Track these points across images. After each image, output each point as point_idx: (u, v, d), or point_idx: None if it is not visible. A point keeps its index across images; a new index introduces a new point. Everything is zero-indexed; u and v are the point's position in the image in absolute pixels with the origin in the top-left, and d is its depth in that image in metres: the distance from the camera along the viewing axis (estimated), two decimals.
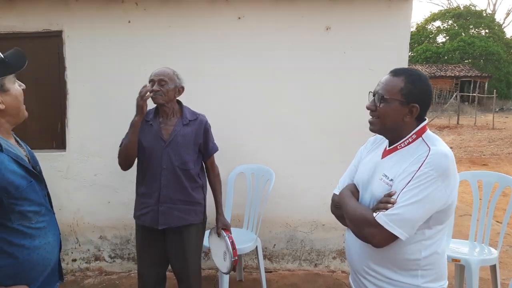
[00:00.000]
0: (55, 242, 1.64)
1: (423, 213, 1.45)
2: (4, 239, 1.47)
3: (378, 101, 1.60)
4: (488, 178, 3.22)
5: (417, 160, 1.48)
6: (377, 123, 1.62)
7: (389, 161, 1.61)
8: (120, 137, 2.74)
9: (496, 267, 3.05)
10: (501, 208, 4.16)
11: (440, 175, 1.44)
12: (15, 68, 1.52)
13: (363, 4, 3.50)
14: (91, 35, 3.57)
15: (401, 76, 1.58)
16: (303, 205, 3.74)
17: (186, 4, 3.52)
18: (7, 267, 1.48)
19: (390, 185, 1.53)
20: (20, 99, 1.54)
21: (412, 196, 1.43)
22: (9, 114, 1.51)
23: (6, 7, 3.53)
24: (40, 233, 1.55)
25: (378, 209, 1.49)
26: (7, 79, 1.48)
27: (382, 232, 1.45)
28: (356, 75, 3.54)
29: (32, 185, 1.53)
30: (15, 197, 1.45)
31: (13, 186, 1.44)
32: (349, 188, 1.75)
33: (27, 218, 1.50)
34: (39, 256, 1.55)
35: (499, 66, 31.54)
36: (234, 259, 2.63)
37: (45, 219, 1.59)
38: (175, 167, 2.55)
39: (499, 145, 13.20)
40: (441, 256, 1.58)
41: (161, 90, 2.51)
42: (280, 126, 3.66)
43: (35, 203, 1.53)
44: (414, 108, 1.56)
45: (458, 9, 35.39)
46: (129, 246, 3.81)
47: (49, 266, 1.61)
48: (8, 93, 1.49)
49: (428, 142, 1.54)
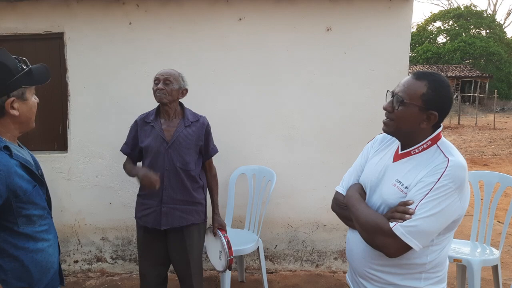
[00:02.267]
0: (55, 244, 1.68)
1: (439, 225, 1.44)
2: (10, 243, 1.51)
3: (396, 103, 1.54)
4: (490, 178, 3.21)
5: (435, 170, 1.45)
6: (392, 126, 1.58)
7: (402, 166, 1.57)
8: (121, 138, 2.76)
9: (497, 267, 3.05)
10: (502, 208, 4.16)
11: (458, 188, 1.43)
12: (38, 82, 1.58)
13: (364, 5, 3.50)
14: (93, 37, 3.58)
15: (424, 81, 1.51)
16: (305, 205, 3.74)
17: (187, 6, 3.53)
18: (13, 271, 1.53)
19: (405, 192, 1.50)
20: (34, 110, 1.61)
21: (430, 209, 1.41)
22: (21, 122, 1.58)
23: (8, 9, 3.54)
24: (42, 236, 1.60)
25: (394, 218, 1.46)
26: (28, 90, 1.56)
27: (397, 243, 1.43)
28: (357, 75, 3.55)
29: (37, 189, 1.58)
30: (23, 201, 1.50)
31: (22, 190, 1.50)
32: (357, 189, 1.70)
33: (32, 222, 1.55)
34: (42, 259, 1.59)
35: (500, 66, 31.48)
36: (230, 258, 2.67)
37: (47, 222, 1.64)
38: (177, 168, 2.56)
39: (500, 145, 13.18)
40: (445, 260, 1.58)
41: (165, 89, 2.53)
42: (281, 127, 3.67)
43: (39, 207, 1.58)
44: (432, 116, 1.51)
45: (458, 9, 35.33)
46: (130, 247, 3.82)
47: (52, 269, 1.64)
48: (26, 103, 1.56)
49: (445, 151, 1.50)
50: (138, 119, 2.71)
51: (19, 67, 1.51)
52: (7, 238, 1.51)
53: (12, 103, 1.50)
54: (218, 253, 2.78)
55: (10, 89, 1.49)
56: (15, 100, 1.51)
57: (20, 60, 1.54)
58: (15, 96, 1.50)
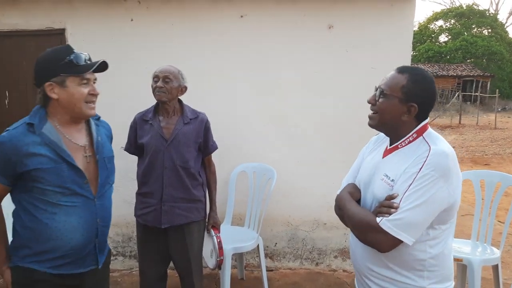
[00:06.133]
0: (78, 224, 1.73)
1: (427, 215, 1.44)
2: (31, 203, 1.68)
3: (378, 95, 1.59)
4: (491, 177, 3.21)
5: (418, 160, 1.46)
6: (375, 118, 1.61)
7: (390, 160, 1.60)
8: (123, 135, 2.74)
9: (498, 267, 3.05)
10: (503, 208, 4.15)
11: (442, 175, 1.42)
12: (77, 72, 1.68)
13: (366, 3, 3.49)
14: (94, 33, 3.57)
15: (405, 74, 1.56)
16: (305, 203, 3.74)
17: (189, 3, 3.52)
18: (29, 230, 1.70)
19: (391, 185, 1.51)
20: (77, 97, 1.69)
21: (415, 199, 1.41)
22: (63, 107, 1.71)
23: (9, 5, 3.53)
24: (60, 210, 1.69)
25: (381, 213, 1.47)
26: (70, 79, 1.68)
27: (388, 238, 1.43)
28: (359, 73, 3.53)
29: (58, 168, 1.67)
30: (35, 175, 1.64)
31: (33, 165, 1.63)
32: (348, 189, 1.72)
33: (47, 195, 1.67)
34: (57, 230, 1.69)
35: (501, 66, 31.45)
36: (220, 259, 2.68)
37: (71, 200, 1.71)
38: (177, 166, 2.56)
39: (501, 144, 13.17)
40: (447, 257, 1.56)
41: (165, 87, 2.52)
42: (282, 125, 3.66)
43: (53, 184, 1.67)
44: (412, 108, 1.53)
45: (460, 8, 35.30)
46: (130, 244, 3.82)
47: (68, 244, 1.71)
48: (65, 90, 1.68)
49: (429, 141, 1.52)
50: (137, 117, 2.70)
51: (67, 59, 1.66)
52: (28, 199, 1.68)
53: (51, 88, 1.67)
54: (209, 251, 2.79)
55: (50, 75, 1.66)
56: (53, 85, 1.67)
57: (73, 53, 1.67)
58: (54, 82, 1.66)
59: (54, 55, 1.70)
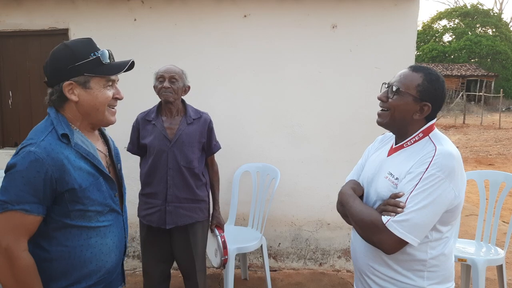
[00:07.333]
0: (113, 244, 1.54)
1: (433, 216, 1.43)
2: (60, 230, 1.43)
3: (391, 92, 1.57)
4: (495, 177, 3.20)
5: (423, 160, 1.45)
6: (386, 116, 1.59)
7: (395, 159, 1.59)
8: (125, 135, 2.75)
9: (502, 267, 3.04)
10: (507, 208, 4.14)
11: (447, 176, 1.41)
12: (104, 73, 1.47)
13: (370, 2, 3.48)
14: (97, 33, 3.56)
15: (420, 73, 1.55)
16: (308, 204, 3.73)
17: (192, 2, 3.52)
18: (59, 261, 1.44)
19: (395, 184, 1.51)
20: (101, 100, 1.48)
21: (421, 200, 1.40)
22: (85, 111, 1.48)
23: (13, 5, 3.54)
24: (98, 233, 1.49)
25: (386, 211, 1.46)
26: (95, 80, 1.46)
27: (393, 239, 1.42)
28: (362, 73, 3.53)
29: (98, 183, 1.48)
30: (78, 195, 1.41)
31: (77, 184, 1.40)
32: (350, 185, 1.71)
33: (87, 217, 1.45)
34: (92, 255, 1.48)
35: (506, 65, 31.33)
36: (224, 258, 2.70)
37: (107, 219, 1.52)
38: (181, 167, 2.56)
39: (506, 144, 13.11)
40: (448, 258, 1.55)
41: (171, 87, 2.52)
42: (285, 125, 3.66)
43: (97, 203, 1.47)
44: (426, 107, 1.53)
45: (464, 8, 35.18)
46: (134, 244, 3.82)
47: (103, 268, 1.52)
48: (89, 92, 1.45)
49: (435, 141, 1.51)
50: (139, 117, 2.69)
51: (91, 56, 1.44)
52: (55, 227, 1.42)
53: (70, 88, 1.44)
54: (214, 250, 2.81)
55: (71, 74, 1.43)
56: (74, 85, 1.44)
57: (98, 49, 1.47)
58: (75, 81, 1.43)
59: (76, 50, 1.44)
